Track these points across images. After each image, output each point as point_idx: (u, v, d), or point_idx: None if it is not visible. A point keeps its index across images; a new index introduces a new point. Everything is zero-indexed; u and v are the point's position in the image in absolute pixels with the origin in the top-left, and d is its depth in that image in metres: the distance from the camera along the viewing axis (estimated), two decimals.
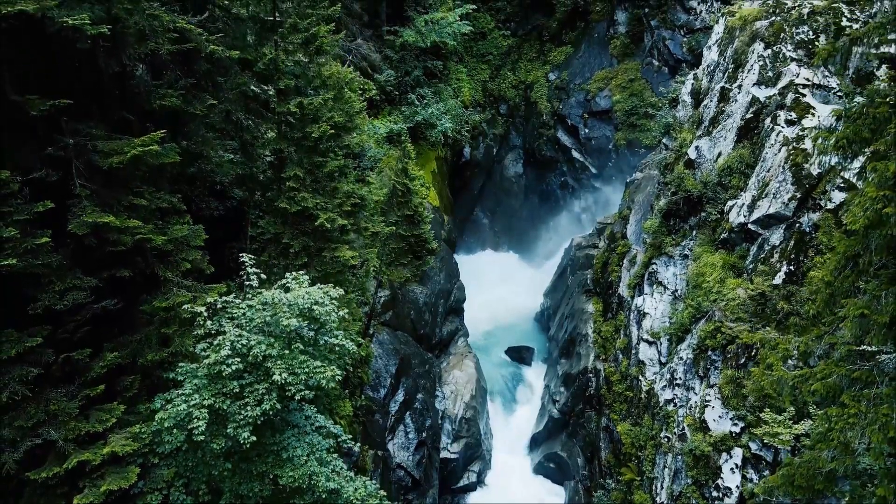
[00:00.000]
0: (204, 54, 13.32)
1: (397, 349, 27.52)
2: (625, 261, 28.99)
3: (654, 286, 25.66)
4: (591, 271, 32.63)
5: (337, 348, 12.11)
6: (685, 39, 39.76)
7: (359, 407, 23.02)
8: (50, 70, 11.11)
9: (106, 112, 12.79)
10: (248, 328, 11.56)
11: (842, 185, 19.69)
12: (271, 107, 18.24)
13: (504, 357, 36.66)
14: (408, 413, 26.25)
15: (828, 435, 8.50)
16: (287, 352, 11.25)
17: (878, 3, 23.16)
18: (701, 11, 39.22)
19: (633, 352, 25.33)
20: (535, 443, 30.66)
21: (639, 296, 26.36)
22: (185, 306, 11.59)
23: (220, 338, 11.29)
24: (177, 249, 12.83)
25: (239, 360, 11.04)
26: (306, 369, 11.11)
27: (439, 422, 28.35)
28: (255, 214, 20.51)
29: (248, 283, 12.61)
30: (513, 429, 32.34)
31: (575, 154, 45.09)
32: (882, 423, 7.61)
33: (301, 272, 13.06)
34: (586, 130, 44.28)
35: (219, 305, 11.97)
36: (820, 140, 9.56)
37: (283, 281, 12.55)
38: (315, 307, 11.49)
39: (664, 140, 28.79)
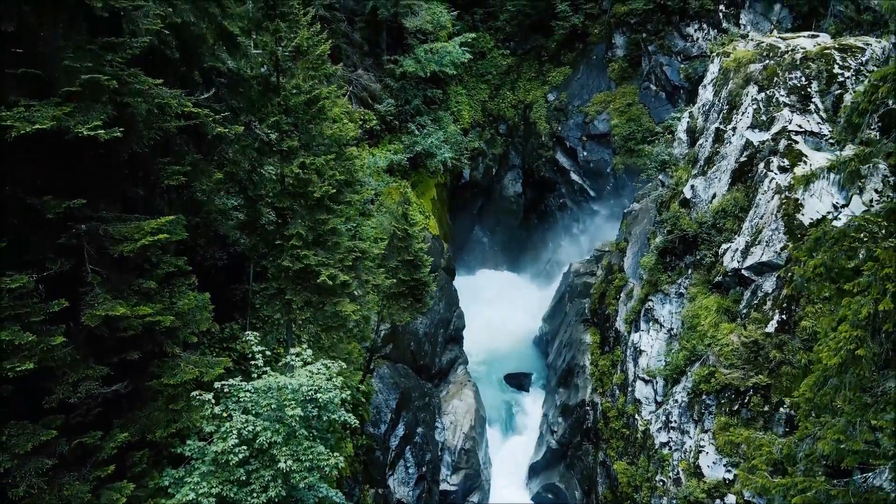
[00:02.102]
0: (211, 136, 13.74)
1: (397, 383, 27.94)
2: (622, 294, 29.42)
3: (651, 323, 26.08)
4: (589, 301, 33.06)
5: (340, 423, 12.55)
6: (682, 66, 40.17)
7: (359, 446, 23.44)
8: (61, 162, 11.50)
9: (115, 190, 13.22)
10: (254, 411, 12.00)
11: None
12: (274, 150, 18.70)
13: (503, 383, 37.07)
14: (408, 448, 26.68)
15: None
16: (292, 437, 11.68)
17: (870, 51, 23.61)
18: (698, 39, 39.63)
19: (630, 389, 25.75)
20: (533, 472, 31.08)
21: (635, 332, 26.78)
22: (194, 393, 12.01)
23: (228, 425, 11.72)
24: (184, 324, 13.24)
25: (245, 447, 11.47)
26: (311, 455, 11.54)
27: (439, 454, 28.77)
28: (257, 259, 21.01)
29: (253, 362, 13.03)
30: (511, 456, 32.76)
31: (574, 176, 45.50)
32: None
33: (304, 345, 13.47)
34: (585, 153, 44.67)
35: (226, 389, 12.41)
36: (800, 265, 9.95)
37: (287, 359, 12.97)
38: (318, 395, 11.94)
39: (660, 176, 29.21)
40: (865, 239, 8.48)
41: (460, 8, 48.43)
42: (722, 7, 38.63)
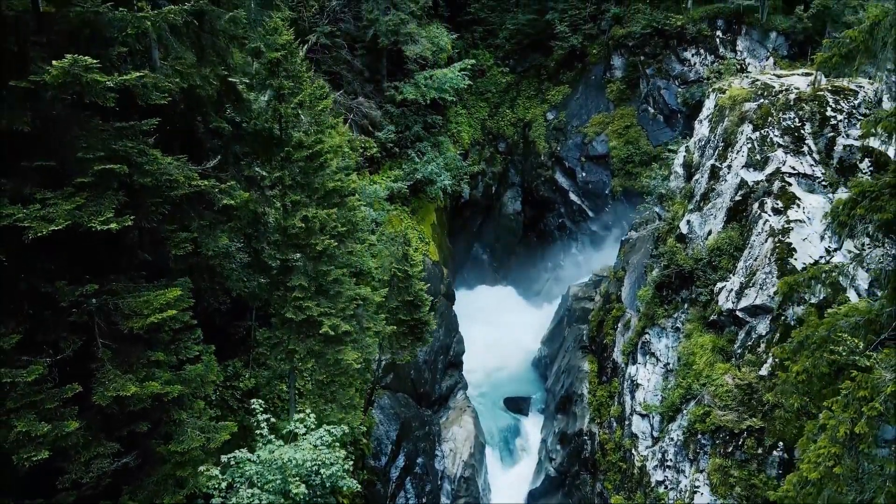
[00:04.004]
0: (217, 207, 14.14)
1: (398, 413, 28.32)
2: (619, 325, 29.79)
3: (647, 356, 26.47)
4: (587, 328, 33.44)
5: (345, 489, 12.97)
6: (679, 90, 40.56)
7: (360, 481, 23.81)
8: (72, 245, 11.88)
9: (124, 261, 13.62)
10: (259, 483, 12.41)
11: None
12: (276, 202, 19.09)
13: (503, 407, 37.47)
14: (408, 479, 27.06)
15: None
16: None
17: (862, 93, 23.98)
18: (695, 64, 40.03)
19: (627, 423, 26.14)
20: (531, 498, 31.46)
21: (632, 364, 27.17)
22: (201, 468, 12.42)
23: (234, 500, 12.13)
24: (191, 391, 13.64)
25: None
26: None
27: (438, 483, 29.16)
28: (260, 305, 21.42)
29: (258, 431, 13.44)
30: (511, 482, 33.13)
31: (572, 196, 45.92)
32: None
33: (307, 410, 13.87)
34: (583, 174, 45.08)
35: (232, 463, 12.82)
36: (783, 373, 10.35)
37: (291, 426, 13.38)
38: (322, 469, 12.36)
39: (657, 209, 29.61)
40: (844, 353, 8.91)
41: (461, 26, 48.96)
42: (719, 33, 39.04)
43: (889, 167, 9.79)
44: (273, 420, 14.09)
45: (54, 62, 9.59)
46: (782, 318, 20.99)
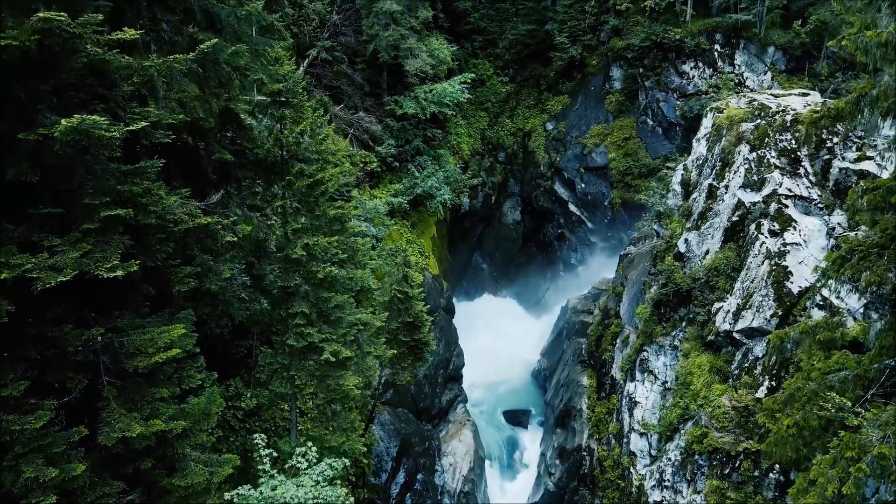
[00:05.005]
0: (220, 244, 14.34)
1: (398, 429, 28.53)
2: (618, 341, 30.01)
3: (646, 374, 26.69)
4: (586, 341, 33.67)
5: None
6: (678, 103, 40.74)
7: (361, 500, 24.04)
8: (78, 288, 12.07)
9: (129, 296, 13.82)
10: None
11: (821, 303, 20.72)
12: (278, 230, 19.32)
13: (502, 419, 37.71)
14: (408, 495, 27.28)
15: None
16: None
17: (860, 117, 24.14)
18: (693, 77, 40.22)
19: (625, 440, 26.36)
20: None
21: (630, 381, 27.39)
22: None
23: None
24: (195, 423, 13.84)
25: None
26: None
27: (438, 498, 29.37)
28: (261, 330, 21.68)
29: (261, 466, 13.66)
30: (510, 496, 33.38)
31: (572, 207, 46.17)
32: None
33: (309, 444, 14.09)
34: (583, 185, 45.31)
35: (235, 500, 13.04)
36: (774, 425, 10.58)
37: (293, 461, 13.60)
38: None
39: (655, 226, 29.83)
40: (833, 409, 9.12)
41: (461, 36, 49.16)
42: (717, 47, 39.23)
43: (876, 228, 10.03)
44: (276, 454, 14.30)
45: (63, 120, 9.78)
46: (778, 340, 21.16)
